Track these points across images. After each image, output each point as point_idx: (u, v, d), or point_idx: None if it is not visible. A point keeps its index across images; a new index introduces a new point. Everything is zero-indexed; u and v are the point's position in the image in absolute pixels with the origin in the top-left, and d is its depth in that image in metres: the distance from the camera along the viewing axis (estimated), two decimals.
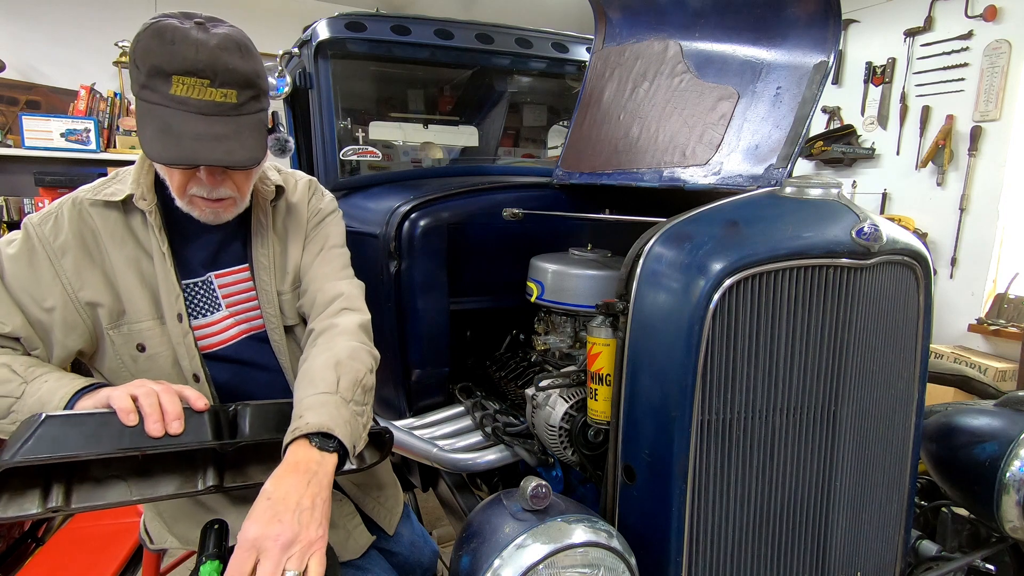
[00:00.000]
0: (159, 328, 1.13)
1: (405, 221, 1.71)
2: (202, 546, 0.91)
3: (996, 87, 3.89)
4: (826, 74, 1.21)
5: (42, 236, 1.07)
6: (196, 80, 0.95)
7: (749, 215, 1.08)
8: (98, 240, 1.09)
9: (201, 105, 0.96)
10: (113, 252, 1.09)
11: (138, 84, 0.97)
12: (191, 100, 0.96)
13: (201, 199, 1.08)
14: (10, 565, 2.33)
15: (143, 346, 1.12)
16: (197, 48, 0.94)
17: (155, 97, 0.96)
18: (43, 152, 3.99)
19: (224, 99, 0.98)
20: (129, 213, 1.12)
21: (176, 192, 1.08)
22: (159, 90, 0.95)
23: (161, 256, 1.11)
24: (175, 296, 1.13)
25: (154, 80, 0.95)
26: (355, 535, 1.29)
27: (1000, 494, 1.33)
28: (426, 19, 2.34)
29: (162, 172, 1.09)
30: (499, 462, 1.48)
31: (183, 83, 0.94)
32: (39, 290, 1.06)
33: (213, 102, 0.97)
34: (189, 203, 1.09)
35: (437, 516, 2.30)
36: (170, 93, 0.95)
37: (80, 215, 1.09)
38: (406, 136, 2.90)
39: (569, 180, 1.80)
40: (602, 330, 1.18)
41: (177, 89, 0.94)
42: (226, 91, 0.98)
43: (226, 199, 1.10)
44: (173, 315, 1.13)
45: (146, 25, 0.97)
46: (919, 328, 1.20)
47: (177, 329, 1.13)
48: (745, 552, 1.10)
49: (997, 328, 3.82)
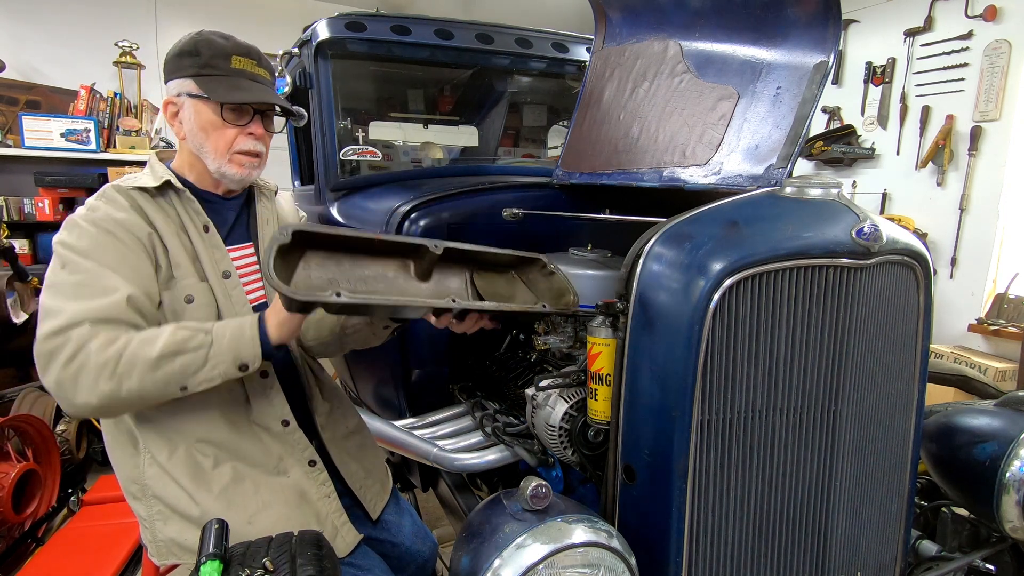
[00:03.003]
0: (203, 284, 1.25)
1: (405, 221, 1.71)
2: (202, 546, 0.91)
3: (996, 87, 3.89)
4: (826, 74, 1.21)
5: (100, 219, 1.16)
6: (248, 59, 1.26)
7: (749, 215, 1.08)
8: (146, 213, 1.21)
9: (254, 75, 1.27)
10: (159, 223, 1.22)
11: (197, 66, 1.22)
12: (247, 72, 1.26)
13: (243, 154, 1.28)
14: (10, 565, 2.33)
15: (191, 297, 1.22)
16: (247, 44, 1.27)
17: (218, 71, 1.23)
18: (43, 152, 3.98)
19: (265, 76, 1.30)
20: (161, 197, 1.25)
21: (220, 152, 1.26)
22: (221, 66, 1.23)
23: (202, 228, 1.27)
24: (221, 256, 1.28)
25: (216, 59, 1.22)
26: (343, 532, 1.29)
27: (1000, 494, 1.33)
28: (426, 19, 2.34)
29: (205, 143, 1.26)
30: (499, 462, 1.48)
31: (240, 60, 1.25)
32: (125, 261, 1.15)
33: (260, 75, 1.28)
34: (230, 161, 1.27)
35: (437, 516, 2.30)
36: (231, 67, 1.24)
37: (127, 195, 1.21)
38: (406, 136, 2.90)
39: (569, 180, 1.80)
40: (602, 330, 1.18)
41: (235, 64, 1.24)
42: (264, 71, 1.29)
43: (261, 155, 1.32)
44: (218, 273, 1.26)
45: (194, 33, 1.25)
46: (919, 328, 1.20)
47: (224, 285, 1.27)
48: (745, 552, 1.10)
49: (997, 328, 3.82)
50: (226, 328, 1.11)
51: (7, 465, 2.45)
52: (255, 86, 1.26)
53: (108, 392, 1.04)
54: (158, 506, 1.23)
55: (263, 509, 1.23)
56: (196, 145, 1.27)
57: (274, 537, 1.03)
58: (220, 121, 1.24)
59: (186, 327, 1.11)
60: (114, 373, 1.04)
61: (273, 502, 1.24)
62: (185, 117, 1.25)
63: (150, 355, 1.05)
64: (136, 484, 1.25)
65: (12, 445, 2.55)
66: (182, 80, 1.23)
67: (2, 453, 2.48)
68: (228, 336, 1.10)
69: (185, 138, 1.28)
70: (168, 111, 1.27)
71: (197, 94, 1.22)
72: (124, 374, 1.04)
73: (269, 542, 1.02)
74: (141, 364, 1.05)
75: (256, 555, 0.97)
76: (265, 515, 1.23)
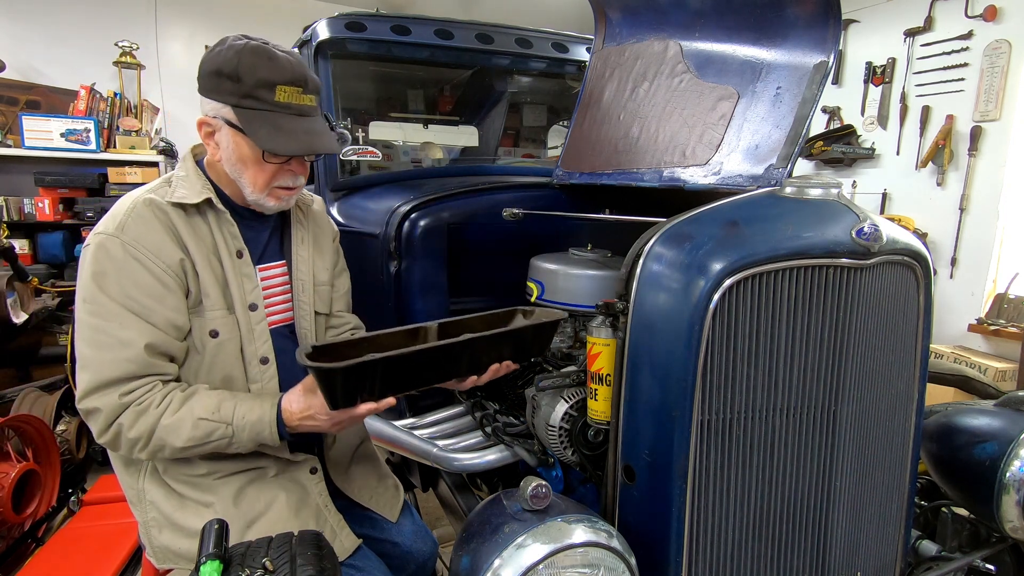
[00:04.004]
0: (229, 317, 1.22)
1: (405, 221, 1.71)
2: (202, 546, 0.91)
3: (996, 87, 3.89)
4: (826, 74, 1.21)
5: (130, 243, 1.12)
6: (293, 88, 1.15)
7: (749, 215, 1.08)
8: (180, 234, 1.18)
9: (299, 108, 1.17)
10: (192, 246, 1.18)
11: (239, 94, 1.12)
12: (292, 104, 1.15)
13: (283, 189, 1.24)
14: (10, 565, 2.33)
15: (216, 332, 1.21)
16: (290, 64, 1.15)
17: (261, 104, 1.13)
18: (43, 152, 3.98)
19: (311, 103, 1.19)
20: (197, 215, 1.21)
21: (259, 187, 1.21)
22: (264, 98, 1.13)
23: (235, 253, 1.23)
24: (252, 287, 1.25)
25: (260, 90, 1.12)
26: (341, 536, 1.30)
27: (1000, 494, 1.33)
28: (426, 19, 2.33)
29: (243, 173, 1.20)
30: (499, 462, 1.48)
31: (284, 91, 1.14)
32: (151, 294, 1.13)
33: (305, 105, 1.18)
34: (268, 195, 1.23)
35: (437, 516, 2.30)
36: (274, 100, 1.13)
37: (161, 213, 1.16)
38: (406, 136, 2.90)
39: (569, 180, 1.80)
40: (602, 330, 1.18)
41: (280, 96, 1.13)
42: (311, 96, 1.19)
43: (299, 186, 1.27)
44: (245, 305, 1.24)
45: (235, 47, 1.13)
46: (919, 328, 1.20)
47: (250, 317, 1.24)
48: (745, 552, 1.10)
49: (997, 328, 3.82)
50: (245, 423, 1.15)
51: (7, 465, 2.45)
52: (301, 125, 1.16)
53: (146, 456, 1.17)
54: (153, 512, 1.24)
55: (263, 513, 1.24)
56: (233, 173, 1.21)
57: (274, 537, 1.03)
58: (260, 158, 1.17)
59: (206, 418, 1.13)
60: (146, 447, 1.13)
61: (273, 507, 1.25)
62: (222, 143, 1.18)
63: (175, 444, 1.13)
64: (133, 490, 1.26)
65: (12, 445, 2.55)
66: (220, 105, 1.14)
67: (2, 453, 2.48)
68: (248, 431, 1.15)
69: (221, 160, 1.21)
70: (203, 130, 1.19)
71: (236, 125, 1.14)
72: (156, 450, 1.14)
73: (269, 542, 1.02)
74: (169, 448, 1.14)
75: (256, 555, 0.97)
76: (264, 520, 1.23)
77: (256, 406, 1.15)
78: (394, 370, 1.11)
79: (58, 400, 3.05)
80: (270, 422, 1.15)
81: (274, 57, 1.13)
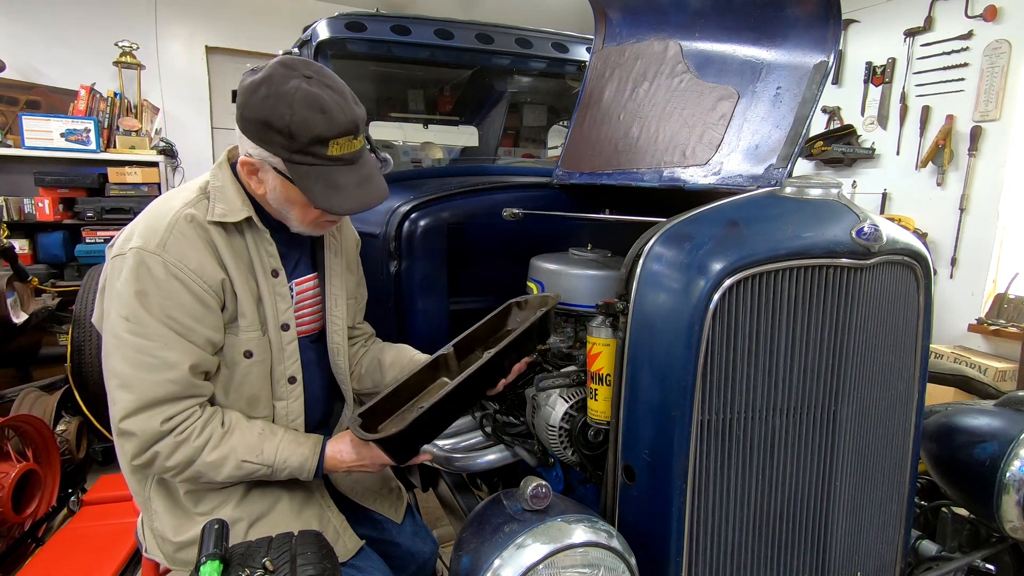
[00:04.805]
0: (263, 337, 1.23)
1: (405, 221, 1.71)
2: (202, 546, 0.91)
3: (996, 87, 3.90)
4: (826, 74, 1.21)
5: (172, 263, 1.11)
6: (346, 139, 1.11)
7: (749, 215, 1.08)
8: (220, 253, 1.17)
9: (351, 157, 1.13)
10: (230, 265, 1.17)
11: (291, 149, 1.08)
12: (344, 156, 1.12)
13: (329, 221, 1.25)
14: (10, 565, 2.33)
15: (250, 352, 1.21)
16: (343, 111, 1.09)
17: (315, 160, 1.10)
18: (43, 152, 3.99)
19: (361, 145, 1.16)
20: (236, 231, 1.20)
21: (307, 223, 1.21)
22: (318, 154, 1.09)
23: (271, 272, 1.23)
24: (285, 307, 1.25)
25: (314, 147, 1.08)
26: (344, 538, 1.30)
27: (1000, 494, 1.33)
28: (426, 19, 2.33)
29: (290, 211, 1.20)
30: (499, 462, 1.48)
31: (338, 144, 1.10)
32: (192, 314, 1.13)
33: (355, 151, 1.14)
34: (313, 226, 1.23)
35: (437, 516, 2.30)
36: (327, 155, 1.10)
37: (203, 231, 1.15)
38: (406, 136, 2.90)
39: (569, 180, 1.80)
40: (602, 330, 1.18)
41: (333, 150, 1.10)
42: (361, 139, 1.15)
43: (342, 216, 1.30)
44: (278, 325, 1.24)
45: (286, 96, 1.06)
46: (919, 328, 1.20)
47: (282, 337, 1.25)
48: (745, 552, 1.10)
49: (997, 328, 3.82)
50: (286, 466, 1.19)
51: (7, 465, 2.45)
52: (354, 177, 1.14)
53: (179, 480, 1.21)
54: (158, 522, 1.25)
55: (266, 514, 1.24)
56: (279, 208, 1.20)
57: (274, 537, 1.04)
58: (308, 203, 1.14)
59: (249, 460, 1.16)
60: (181, 474, 1.15)
61: (276, 507, 1.25)
62: (268, 183, 1.16)
63: (215, 478, 1.16)
64: (140, 496, 1.27)
65: (12, 445, 2.55)
66: (269, 154, 1.10)
67: (2, 453, 2.48)
68: (287, 472, 1.19)
69: (266, 195, 1.19)
70: (245, 168, 1.16)
71: (287, 176, 1.11)
72: (193, 478, 1.17)
73: (269, 542, 1.02)
74: (207, 479, 1.17)
75: (256, 555, 0.97)
76: (267, 520, 1.24)
77: (297, 452, 1.20)
78: (443, 409, 1.18)
79: (58, 400, 3.05)
80: (310, 469, 1.20)
81: (327, 109, 1.07)
